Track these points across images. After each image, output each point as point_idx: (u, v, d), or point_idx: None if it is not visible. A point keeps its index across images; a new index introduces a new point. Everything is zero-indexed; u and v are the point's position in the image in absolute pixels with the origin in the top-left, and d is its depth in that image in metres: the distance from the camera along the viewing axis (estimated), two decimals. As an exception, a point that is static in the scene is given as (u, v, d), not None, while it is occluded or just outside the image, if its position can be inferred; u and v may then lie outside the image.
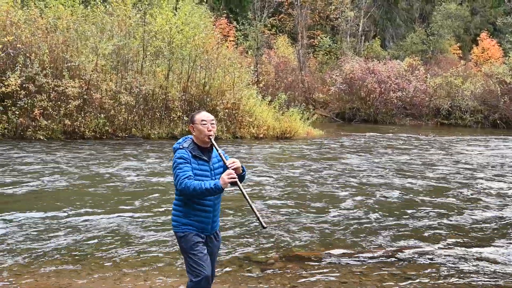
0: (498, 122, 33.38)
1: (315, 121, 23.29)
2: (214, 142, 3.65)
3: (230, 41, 29.50)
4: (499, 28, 47.22)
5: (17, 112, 14.94)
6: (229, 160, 3.59)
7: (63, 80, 15.74)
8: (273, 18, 40.03)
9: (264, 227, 3.44)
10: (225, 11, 37.65)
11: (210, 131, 3.63)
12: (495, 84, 34.41)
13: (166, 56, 18.60)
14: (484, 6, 50.67)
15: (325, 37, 41.31)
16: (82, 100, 16.12)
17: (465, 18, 46.84)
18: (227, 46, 22.65)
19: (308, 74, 37.29)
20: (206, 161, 3.66)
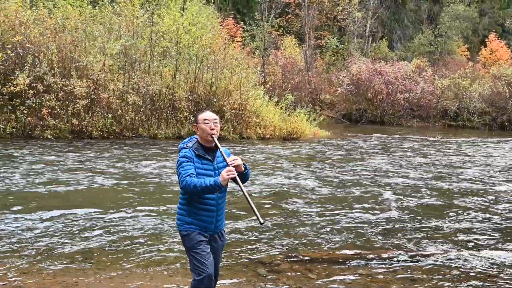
0: (506, 124, 33.14)
1: (322, 122, 23.25)
2: (217, 141, 3.65)
3: (237, 42, 29.58)
4: (508, 30, 47.00)
5: (26, 112, 15.05)
6: (230, 158, 3.59)
7: (71, 80, 15.84)
8: (280, 19, 40.03)
9: (262, 223, 3.43)
10: (232, 12, 37.72)
11: (213, 130, 3.64)
12: (504, 86, 34.21)
13: (173, 56, 18.65)
14: (493, 8, 50.39)
15: (332, 38, 41.23)
16: (90, 100, 16.20)
17: (474, 20, 46.56)
18: (234, 47, 22.69)
19: (315, 75, 37.22)
20: (210, 161, 3.66)
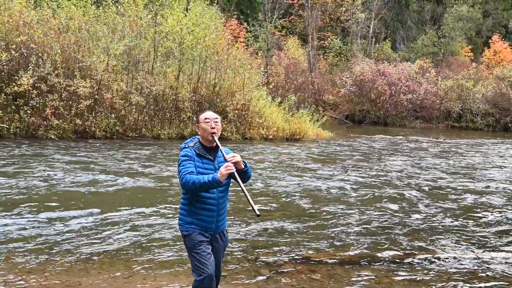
0: (510, 126, 33.05)
1: (325, 123, 23.23)
2: (217, 140, 3.65)
3: (241, 42, 29.56)
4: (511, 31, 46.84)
5: (29, 112, 15.10)
6: (229, 154, 3.59)
7: (75, 80, 15.88)
8: (284, 20, 40.06)
9: (258, 215, 3.45)
10: (236, 12, 37.76)
11: (213, 129, 3.64)
12: (507, 87, 34.11)
13: (177, 57, 18.67)
14: (497, 9, 50.27)
15: (336, 39, 41.23)
16: (93, 100, 16.23)
17: (477, 21, 46.46)
18: (237, 47, 22.69)
19: (318, 76, 37.21)
20: (211, 160, 3.66)
